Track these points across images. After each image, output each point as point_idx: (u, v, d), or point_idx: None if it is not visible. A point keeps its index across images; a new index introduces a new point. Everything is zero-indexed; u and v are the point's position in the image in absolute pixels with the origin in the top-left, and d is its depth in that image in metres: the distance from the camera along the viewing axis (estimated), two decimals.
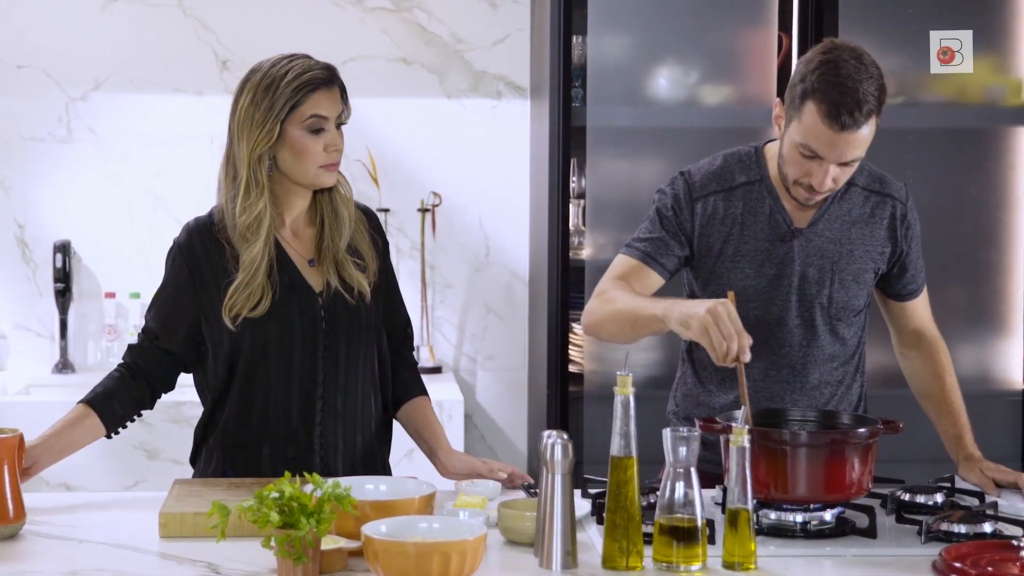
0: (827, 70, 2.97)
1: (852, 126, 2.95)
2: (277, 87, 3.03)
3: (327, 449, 3.12)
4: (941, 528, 2.73)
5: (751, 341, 2.84)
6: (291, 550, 2.38)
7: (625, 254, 3.23)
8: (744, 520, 2.53)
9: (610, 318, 3.12)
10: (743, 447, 2.55)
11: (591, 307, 3.20)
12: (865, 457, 2.76)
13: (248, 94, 3.06)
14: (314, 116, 3.04)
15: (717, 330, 2.82)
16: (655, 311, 3.00)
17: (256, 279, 3.04)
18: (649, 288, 3.18)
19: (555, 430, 2.60)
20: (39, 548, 2.66)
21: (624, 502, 2.51)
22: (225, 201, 3.10)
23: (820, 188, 3.04)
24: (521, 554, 2.63)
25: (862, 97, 2.95)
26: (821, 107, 2.96)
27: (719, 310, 2.83)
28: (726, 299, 2.87)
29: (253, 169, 3.05)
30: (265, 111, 3.03)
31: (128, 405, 3.13)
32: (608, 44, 4.60)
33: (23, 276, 5.04)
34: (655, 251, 3.19)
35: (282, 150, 3.06)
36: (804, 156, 3.02)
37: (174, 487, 2.96)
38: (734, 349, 2.81)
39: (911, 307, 3.32)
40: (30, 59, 4.99)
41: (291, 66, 3.06)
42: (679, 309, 2.93)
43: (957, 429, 3.22)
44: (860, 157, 3.03)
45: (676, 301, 2.98)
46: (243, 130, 3.06)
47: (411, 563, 2.33)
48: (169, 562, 2.56)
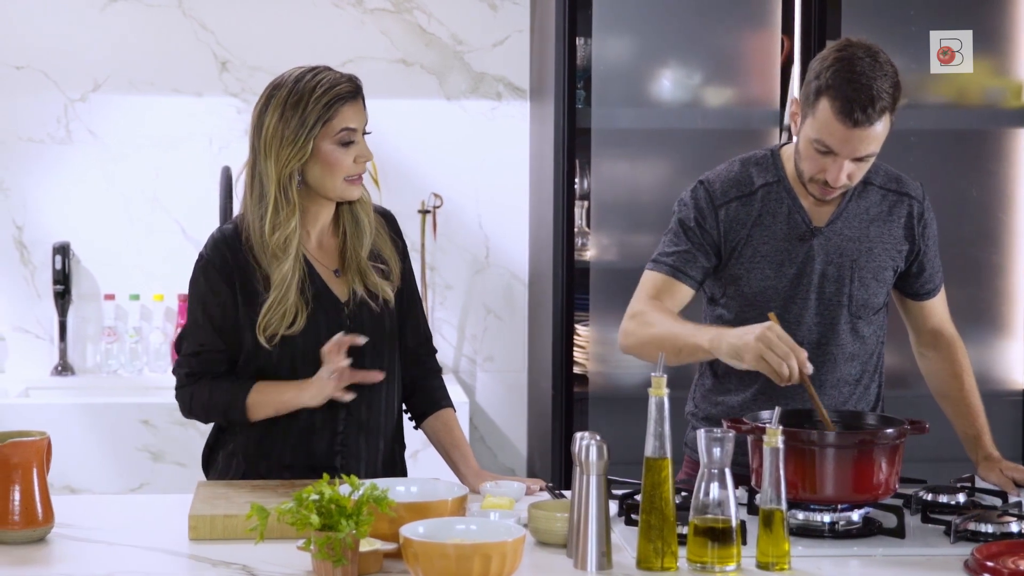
0: (841, 67, 3.00)
1: (865, 123, 2.98)
2: (306, 103, 3.00)
3: (348, 457, 3.12)
4: (968, 528, 2.74)
5: (807, 353, 2.86)
6: (331, 552, 2.38)
7: (653, 270, 3.23)
8: (778, 521, 2.54)
9: (651, 342, 3.09)
10: (777, 448, 2.56)
11: (628, 328, 3.19)
12: (892, 457, 2.78)
13: (275, 111, 3.02)
14: (345, 129, 3.03)
15: (773, 354, 2.84)
16: (700, 341, 3.01)
17: (289, 297, 3.02)
18: (681, 302, 3.19)
19: (587, 431, 2.61)
20: (70, 551, 2.65)
21: (659, 503, 2.52)
22: (252, 220, 3.06)
23: (835, 184, 3.06)
24: (553, 555, 2.64)
25: (876, 94, 2.97)
26: (835, 103, 2.98)
27: (768, 335, 2.86)
28: (770, 323, 2.88)
29: (283, 187, 3.02)
30: (296, 128, 3.00)
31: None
32: (612, 46, 4.61)
33: (22, 278, 5.01)
34: (683, 264, 3.20)
35: (312, 165, 3.03)
36: (819, 152, 3.05)
37: (199, 489, 2.95)
38: (795, 367, 2.84)
39: (929, 306, 3.33)
40: (29, 60, 4.97)
41: (317, 80, 3.02)
42: (727, 341, 2.94)
43: (976, 429, 3.23)
44: (874, 153, 3.05)
45: (721, 332, 2.99)
46: (271, 148, 3.02)
47: (452, 564, 2.34)
48: (203, 564, 2.56)
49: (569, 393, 4.59)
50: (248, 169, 3.09)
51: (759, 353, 2.85)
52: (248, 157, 3.09)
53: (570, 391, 4.60)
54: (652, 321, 3.13)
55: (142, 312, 5.03)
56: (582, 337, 4.63)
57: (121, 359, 4.98)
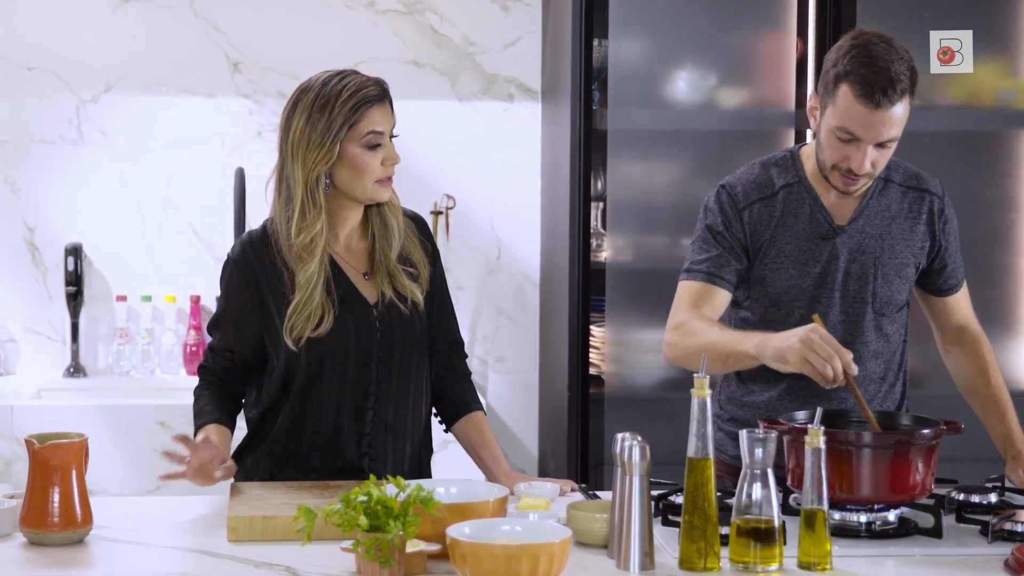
0: (858, 53, 3.03)
1: (887, 104, 3.00)
2: (333, 106, 3.01)
3: (375, 459, 3.13)
4: (1005, 527, 2.76)
5: (852, 355, 2.88)
6: (379, 553, 2.38)
7: (688, 279, 3.23)
8: (820, 521, 2.55)
9: (697, 352, 3.05)
10: (819, 448, 2.57)
11: (672, 340, 3.19)
12: (929, 458, 2.79)
13: (302, 114, 3.03)
14: (372, 132, 3.03)
15: (817, 356, 2.85)
16: (746, 348, 3.02)
17: (314, 298, 3.03)
18: (719, 307, 3.20)
19: (628, 432, 2.61)
20: (112, 553, 2.65)
21: (702, 503, 2.53)
22: (279, 222, 3.07)
23: (859, 171, 3.07)
24: (593, 555, 2.64)
25: (895, 76, 3.00)
26: (855, 87, 3.01)
27: (812, 337, 2.87)
28: (814, 324, 2.90)
29: (310, 190, 3.03)
30: (323, 131, 3.01)
31: (234, 411, 3.18)
32: (627, 47, 4.62)
33: (33, 279, 5.00)
34: (717, 269, 3.20)
35: (340, 168, 3.04)
36: (841, 140, 3.06)
37: (233, 491, 2.95)
38: (839, 368, 2.85)
39: (952, 302, 3.35)
40: (41, 61, 4.96)
41: (344, 83, 3.03)
42: (772, 345, 2.95)
43: (1005, 426, 3.25)
44: (896, 138, 3.07)
45: (766, 336, 3.00)
46: (298, 151, 3.03)
47: (500, 565, 2.34)
48: (246, 566, 2.56)
49: (585, 394, 4.60)
50: (276, 172, 3.10)
51: (803, 355, 2.86)
52: (276, 160, 3.10)
53: (586, 392, 4.60)
54: (695, 330, 3.13)
55: (154, 313, 5.03)
56: (597, 338, 4.64)
57: (133, 360, 4.98)
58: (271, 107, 5.01)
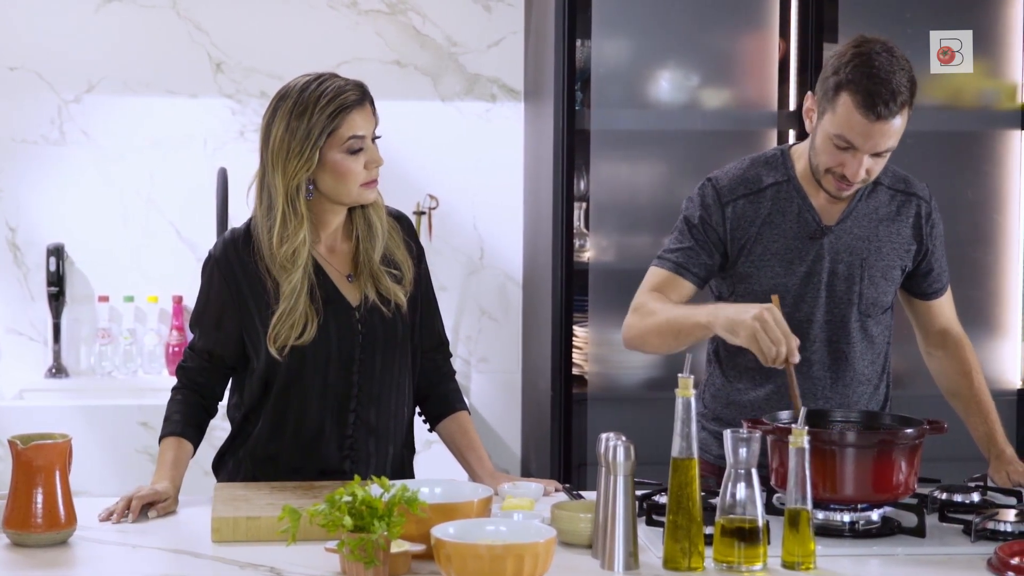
0: (860, 62, 3.03)
1: (887, 116, 3.00)
2: (311, 113, 2.96)
3: (357, 461, 3.12)
4: (988, 527, 2.76)
5: (799, 342, 2.90)
6: (363, 554, 2.38)
7: (657, 266, 3.26)
8: (804, 520, 2.56)
9: (652, 331, 3.14)
10: (802, 448, 2.58)
11: (630, 322, 3.22)
12: (912, 457, 2.80)
13: (281, 121, 2.99)
14: (353, 137, 2.99)
15: (765, 335, 2.88)
16: (698, 318, 3.04)
17: (298, 307, 3.01)
18: (683, 298, 3.22)
19: (612, 432, 2.61)
20: (95, 554, 2.65)
21: (686, 503, 2.53)
22: (261, 231, 3.04)
23: (854, 179, 3.08)
24: (577, 555, 2.64)
25: (896, 88, 3.00)
26: (856, 98, 3.01)
27: (766, 316, 2.89)
28: (771, 304, 2.91)
29: (291, 199, 2.99)
30: (302, 139, 2.96)
31: (204, 420, 3.15)
32: (610, 48, 4.63)
33: (15, 280, 4.99)
34: (686, 261, 3.22)
35: (323, 174, 3.00)
36: (838, 147, 3.07)
37: (217, 492, 2.95)
38: (783, 352, 2.88)
39: (936, 306, 3.36)
40: (22, 61, 4.95)
41: (322, 88, 2.98)
42: (724, 315, 2.97)
43: (988, 426, 3.26)
44: (893, 147, 3.08)
45: (719, 306, 3.02)
46: (278, 159, 2.98)
47: (485, 565, 2.34)
48: (231, 567, 2.55)
49: (568, 394, 4.60)
50: (257, 179, 3.06)
51: (753, 332, 2.89)
52: (258, 167, 3.07)
53: (569, 392, 4.60)
54: (652, 310, 3.17)
55: (136, 314, 5.02)
56: (580, 338, 4.64)
57: (115, 361, 4.97)
58: (254, 107, 5.01)
